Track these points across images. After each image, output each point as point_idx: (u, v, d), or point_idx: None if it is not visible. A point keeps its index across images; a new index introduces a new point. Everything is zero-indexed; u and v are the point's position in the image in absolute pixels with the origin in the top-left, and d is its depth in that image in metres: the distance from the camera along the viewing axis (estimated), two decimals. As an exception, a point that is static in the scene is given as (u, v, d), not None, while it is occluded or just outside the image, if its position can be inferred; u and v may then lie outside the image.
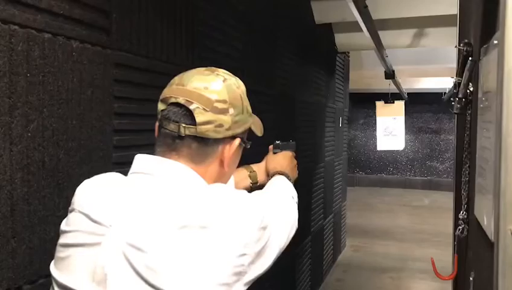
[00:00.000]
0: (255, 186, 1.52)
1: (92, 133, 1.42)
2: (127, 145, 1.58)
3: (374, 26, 3.46)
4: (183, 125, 0.97)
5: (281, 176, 1.43)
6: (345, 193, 6.19)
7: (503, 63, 0.98)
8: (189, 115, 0.97)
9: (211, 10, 2.21)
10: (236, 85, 1.05)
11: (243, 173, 1.52)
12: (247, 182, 1.52)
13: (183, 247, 0.85)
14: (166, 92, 1.02)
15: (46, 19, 1.23)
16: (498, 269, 0.99)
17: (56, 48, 1.26)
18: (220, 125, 0.99)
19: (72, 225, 0.95)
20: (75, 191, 0.99)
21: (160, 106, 1.02)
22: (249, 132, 1.12)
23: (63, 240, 0.96)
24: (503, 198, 0.99)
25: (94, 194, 0.97)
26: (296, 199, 1.32)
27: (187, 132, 0.97)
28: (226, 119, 1.00)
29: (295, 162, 1.56)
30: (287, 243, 1.11)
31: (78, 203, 0.96)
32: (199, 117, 0.97)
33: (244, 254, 0.89)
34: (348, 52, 5.89)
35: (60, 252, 0.96)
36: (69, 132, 1.33)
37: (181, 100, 0.98)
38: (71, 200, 0.99)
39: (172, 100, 0.99)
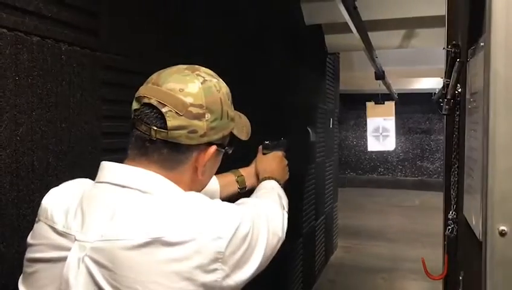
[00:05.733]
0: (243, 191, 1.45)
1: (81, 136, 1.42)
2: (116, 148, 1.56)
3: (364, 27, 3.47)
4: (154, 128, 0.91)
5: (271, 181, 1.34)
6: (336, 194, 6.20)
7: (489, 65, 0.99)
8: (161, 118, 0.91)
9: (200, 12, 2.20)
10: (216, 88, 0.97)
11: (230, 178, 1.45)
12: (235, 187, 1.45)
13: (148, 264, 0.81)
14: (141, 91, 0.96)
15: (34, 21, 1.22)
16: (486, 268, 1.00)
17: (45, 51, 1.26)
18: (194, 131, 0.92)
19: (38, 238, 0.92)
20: None
21: (134, 105, 0.96)
22: (233, 135, 1.06)
23: (29, 254, 0.93)
24: (490, 198, 1.00)
25: (60, 205, 0.93)
26: (286, 209, 1.22)
27: (158, 136, 0.91)
28: (200, 125, 0.93)
29: (285, 162, 1.48)
30: (271, 256, 1.03)
31: (44, 214, 0.93)
32: (171, 121, 0.90)
33: (216, 269, 0.84)
34: (338, 53, 5.91)
35: (27, 267, 0.93)
36: (58, 136, 1.32)
37: (154, 101, 0.92)
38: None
39: (146, 100, 0.93)
